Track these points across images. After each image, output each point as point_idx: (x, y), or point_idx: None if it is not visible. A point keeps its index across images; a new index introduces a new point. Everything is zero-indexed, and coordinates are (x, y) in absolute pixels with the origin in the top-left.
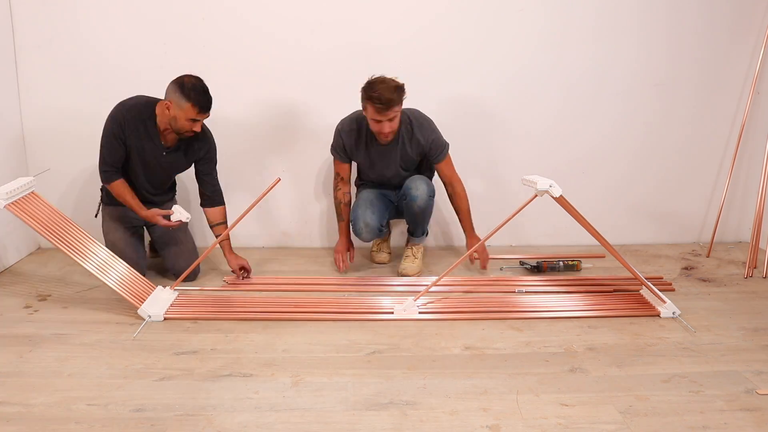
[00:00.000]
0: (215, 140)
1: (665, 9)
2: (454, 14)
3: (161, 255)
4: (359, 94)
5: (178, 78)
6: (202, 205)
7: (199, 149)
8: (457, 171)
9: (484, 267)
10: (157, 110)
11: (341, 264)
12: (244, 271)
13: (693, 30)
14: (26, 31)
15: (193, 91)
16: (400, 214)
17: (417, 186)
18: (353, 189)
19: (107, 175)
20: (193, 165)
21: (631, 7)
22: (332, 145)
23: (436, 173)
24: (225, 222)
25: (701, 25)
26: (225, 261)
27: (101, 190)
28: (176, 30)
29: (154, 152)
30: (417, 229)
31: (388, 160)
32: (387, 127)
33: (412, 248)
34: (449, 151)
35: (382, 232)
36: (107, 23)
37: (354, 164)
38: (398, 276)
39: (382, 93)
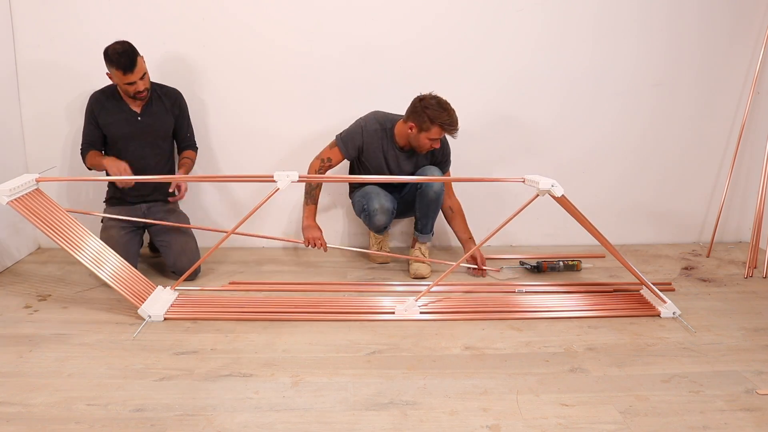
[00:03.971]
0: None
1: (665, 9)
2: (454, 15)
3: (162, 254)
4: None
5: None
6: (178, 152)
7: (172, 106)
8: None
9: (483, 272)
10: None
11: (322, 244)
12: (177, 189)
13: (693, 30)
14: (26, 31)
15: (115, 55)
16: (401, 214)
17: (432, 173)
18: (348, 191)
19: (83, 151)
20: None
21: (631, 7)
22: (344, 135)
23: None
24: (189, 159)
25: (701, 25)
26: (225, 261)
27: (106, 191)
28: (175, 30)
29: (129, 120)
30: (427, 222)
31: (403, 167)
32: (438, 143)
33: (420, 248)
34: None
35: (392, 219)
36: (107, 23)
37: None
38: (412, 278)
39: (453, 119)
